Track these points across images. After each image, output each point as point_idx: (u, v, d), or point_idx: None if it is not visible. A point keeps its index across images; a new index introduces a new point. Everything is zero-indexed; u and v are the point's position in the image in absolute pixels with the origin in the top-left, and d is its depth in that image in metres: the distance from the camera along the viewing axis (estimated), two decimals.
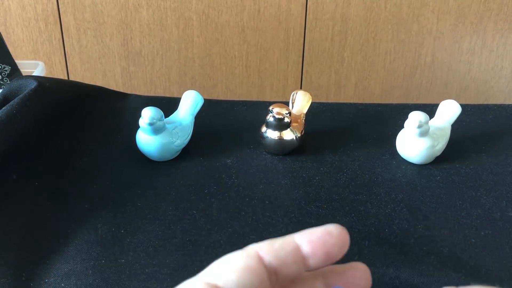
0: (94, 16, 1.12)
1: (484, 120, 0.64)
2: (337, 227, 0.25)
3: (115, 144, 0.58)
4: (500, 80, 1.19)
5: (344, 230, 0.25)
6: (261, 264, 0.24)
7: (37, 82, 0.57)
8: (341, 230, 0.25)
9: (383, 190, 0.50)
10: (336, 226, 0.25)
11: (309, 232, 0.25)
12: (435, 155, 0.55)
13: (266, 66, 1.18)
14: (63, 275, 0.40)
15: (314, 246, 0.24)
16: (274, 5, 1.11)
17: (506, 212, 0.47)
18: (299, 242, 0.24)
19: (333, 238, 0.24)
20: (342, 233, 0.25)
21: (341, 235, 0.24)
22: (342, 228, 0.25)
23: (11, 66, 0.72)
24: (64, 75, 1.19)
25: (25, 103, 0.54)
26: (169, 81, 1.20)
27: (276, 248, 0.24)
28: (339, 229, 0.25)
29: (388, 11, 1.11)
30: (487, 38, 1.14)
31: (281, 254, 0.24)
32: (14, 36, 1.14)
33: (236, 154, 0.56)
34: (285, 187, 0.51)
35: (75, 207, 0.48)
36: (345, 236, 0.24)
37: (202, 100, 0.60)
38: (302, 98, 0.60)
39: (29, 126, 0.54)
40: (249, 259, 0.24)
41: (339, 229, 0.25)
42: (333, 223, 0.25)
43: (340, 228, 0.25)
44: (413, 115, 0.52)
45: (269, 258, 0.24)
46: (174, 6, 1.11)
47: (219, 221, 0.46)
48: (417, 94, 1.21)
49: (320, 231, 0.25)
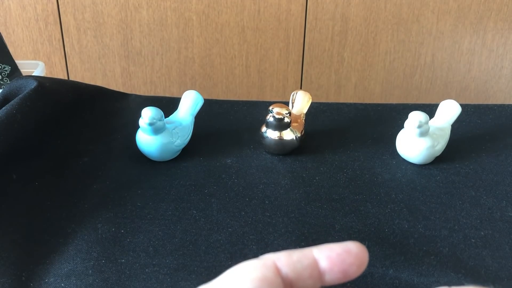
0: (94, 16, 1.12)
1: (484, 120, 0.64)
2: (357, 245, 0.24)
3: (115, 144, 0.58)
4: (500, 80, 1.19)
5: (363, 249, 0.24)
6: (278, 275, 0.23)
7: (37, 82, 0.57)
8: (361, 248, 0.24)
9: (383, 190, 0.50)
10: (356, 244, 0.24)
11: (329, 248, 0.24)
12: (435, 155, 0.55)
13: (266, 66, 1.18)
14: (63, 275, 0.40)
15: (332, 263, 0.24)
16: (274, 5, 1.11)
17: (506, 212, 0.47)
18: (317, 257, 0.24)
19: (352, 257, 0.24)
20: (362, 252, 0.24)
21: (361, 254, 0.24)
22: (362, 246, 0.24)
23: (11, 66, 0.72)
24: (64, 75, 1.19)
25: (25, 103, 0.54)
26: (169, 81, 1.20)
27: (294, 261, 0.24)
28: (359, 247, 0.24)
29: (388, 11, 1.11)
30: (487, 38, 1.14)
31: (298, 267, 0.24)
32: (14, 36, 1.14)
33: (236, 154, 0.56)
34: (285, 187, 0.51)
35: (75, 207, 0.48)
36: (364, 255, 0.24)
37: (202, 100, 0.60)
38: (302, 98, 0.60)
39: (29, 126, 0.54)
40: (266, 270, 0.23)
41: (359, 247, 0.24)
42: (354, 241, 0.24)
43: (360, 246, 0.24)
44: (413, 115, 0.52)
45: (286, 270, 0.23)
46: (174, 6, 1.11)
47: (219, 221, 0.46)
48: (417, 94, 1.21)
49: (340, 248, 0.24)
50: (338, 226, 0.45)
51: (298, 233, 0.44)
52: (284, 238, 0.44)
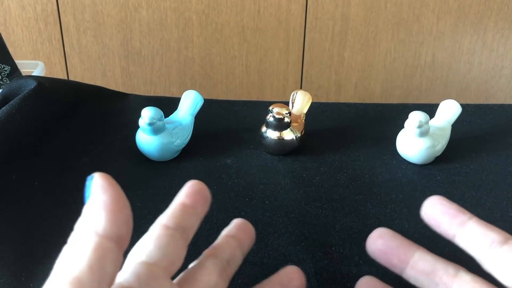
0: (94, 16, 1.12)
1: (484, 120, 0.64)
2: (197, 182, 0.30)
3: (115, 144, 0.58)
4: (500, 80, 1.19)
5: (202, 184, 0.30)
6: (167, 227, 0.27)
7: (36, 82, 0.56)
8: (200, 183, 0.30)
9: (383, 190, 0.50)
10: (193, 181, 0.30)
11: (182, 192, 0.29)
12: (435, 155, 0.55)
13: (266, 66, 1.18)
14: None
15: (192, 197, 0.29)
16: (274, 5, 1.11)
17: (507, 212, 0.47)
18: (180, 201, 0.29)
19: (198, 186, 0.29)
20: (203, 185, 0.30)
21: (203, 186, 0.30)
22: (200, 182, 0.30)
23: (10, 66, 0.72)
24: (63, 75, 1.19)
25: (25, 103, 0.54)
26: (169, 81, 1.20)
27: (169, 212, 0.28)
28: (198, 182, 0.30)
29: (388, 11, 1.11)
30: (487, 37, 1.14)
31: (176, 213, 0.28)
32: (14, 36, 1.14)
33: (236, 154, 0.56)
34: (285, 187, 0.51)
35: (75, 207, 0.47)
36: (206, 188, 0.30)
37: (202, 100, 0.60)
38: (302, 98, 0.60)
39: (29, 126, 0.54)
40: (156, 230, 0.27)
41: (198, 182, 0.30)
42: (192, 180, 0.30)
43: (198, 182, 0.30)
44: (413, 115, 0.52)
45: (170, 221, 0.28)
46: (174, 6, 1.11)
47: (219, 221, 0.46)
48: (417, 94, 1.21)
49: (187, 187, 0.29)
50: (338, 226, 0.45)
51: (298, 233, 0.44)
52: (284, 238, 0.44)
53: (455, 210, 0.29)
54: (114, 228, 0.23)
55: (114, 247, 0.23)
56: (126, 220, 0.24)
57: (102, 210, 0.24)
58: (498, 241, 0.27)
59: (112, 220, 0.23)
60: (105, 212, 0.23)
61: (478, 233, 0.28)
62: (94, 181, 0.25)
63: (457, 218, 0.28)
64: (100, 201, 0.24)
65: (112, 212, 0.24)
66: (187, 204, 0.29)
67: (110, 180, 0.24)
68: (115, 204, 0.24)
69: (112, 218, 0.23)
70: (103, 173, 0.25)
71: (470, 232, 0.28)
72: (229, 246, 0.31)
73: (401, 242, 0.29)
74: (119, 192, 0.24)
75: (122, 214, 0.24)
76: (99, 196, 0.24)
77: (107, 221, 0.23)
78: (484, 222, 0.28)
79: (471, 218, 0.28)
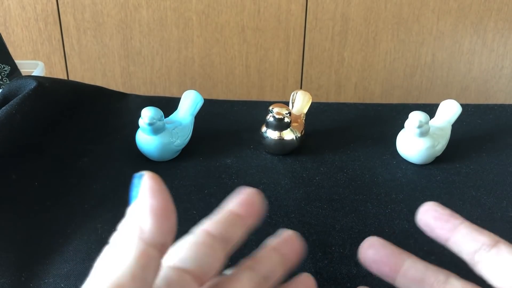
0: (94, 16, 1.12)
1: (485, 120, 0.64)
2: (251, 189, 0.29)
3: (115, 144, 0.58)
4: (500, 80, 1.19)
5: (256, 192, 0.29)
6: (209, 235, 0.26)
7: (36, 82, 0.56)
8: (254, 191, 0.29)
9: (383, 190, 0.50)
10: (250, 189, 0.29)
11: (235, 197, 0.28)
12: (435, 155, 0.55)
13: (266, 66, 1.18)
14: (62, 275, 0.40)
15: (243, 206, 0.28)
16: (274, 5, 1.11)
17: (507, 212, 0.47)
18: (231, 207, 0.28)
19: (252, 196, 0.28)
20: (256, 193, 0.29)
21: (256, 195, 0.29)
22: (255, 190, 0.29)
23: (10, 66, 0.72)
24: (63, 75, 1.19)
25: (25, 103, 0.54)
26: (169, 81, 1.20)
27: (215, 220, 0.27)
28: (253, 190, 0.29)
29: (388, 11, 1.11)
30: (488, 37, 1.14)
31: (221, 222, 0.27)
32: (13, 36, 1.14)
33: (236, 154, 0.56)
34: (285, 187, 0.51)
35: (75, 207, 0.48)
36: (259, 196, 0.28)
37: (202, 100, 0.60)
38: (302, 98, 0.60)
39: (29, 126, 0.54)
40: (197, 236, 0.26)
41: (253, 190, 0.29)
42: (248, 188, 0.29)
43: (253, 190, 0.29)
44: (413, 115, 0.52)
45: (214, 229, 0.26)
46: (174, 6, 1.11)
47: None
48: (417, 94, 1.20)
49: (242, 194, 0.29)
50: (338, 226, 0.45)
51: (298, 233, 0.44)
52: None
53: (448, 215, 0.29)
54: (159, 236, 0.23)
55: (157, 255, 0.23)
56: (172, 228, 0.23)
57: (149, 215, 0.23)
58: (488, 244, 0.28)
59: (159, 227, 0.23)
60: (152, 218, 0.23)
61: (468, 237, 0.28)
62: (143, 181, 0.24)
63: (449, 223, 0.29)
64: (148, 205, 0.23)
65: (160, 219, 0.23)
66: (237, 213, 0.28)
67: (160, 182, 0.24)
68: (163, 210, 0.23)
69: (159, 225, 0.23)
70: (153, 173, 0.24)
71: (461, 236, 0.28)
72: (270, 261, 0.29)
73: (392, 251, 0.29)
74: (167, 197, 0.23)
75: (169, 222, 0.23)
76: (148, 199, 0.23)
77: (154, 228, 0.23)
78: (475, 226, 0.29)
79: (463, 222, 0.29)
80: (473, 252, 0.28)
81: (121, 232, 0.23)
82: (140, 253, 0.22)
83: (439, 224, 0.29)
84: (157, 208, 0.23)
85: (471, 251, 0.28)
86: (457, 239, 0.29)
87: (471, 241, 0.28)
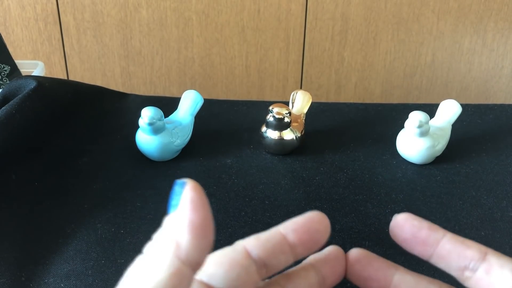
0: (94, 16, 1.12)
1: (485, 120, 0.64)
2: (317, 214, 0.26)
3: (115, 144, 0.58)
4: (500, 80, 1.19)
5: (324, 216, 0.26)
6: (248, 257, 0.24)
7: (36, 82, 0.56)
8: (321, 215, 0.26)
9: (383, 190, 0.50)
10: (316, 212, 0.26)
11: (292, 222, 0.25)
12: (435, 155, 0.55)
13: (266, 66, 1.18)
14: (62, 276, 0.40)
15: (299, 234, 0.25)
16: (274, 5, 1.11)
17: (507, 212, 0.47)
18: (284, 232, 0.25)
19: (315, 223, 0.25)
20: (323, 218, 0.25)
21: (322, 219, 0.25)
22: (322, 214, 0.26)
23: (10, 66, 0.72)
24: (63, 75, 1.19)
25: (25, 103, 0.53)
26: (169, 81, 1.20)
27: (262, 241, 0.25)
28: (320, 215, 0.26)
29: (388, 10, 1.11)
30: (488, 37, 1.14)
31: (268, 246, 0.25)
32: (13, 36, 1.14)
33: (236, 154, 0.56)
34: (285, 187, 0.51)
35: (75, 207, 0.48)
36: (326, 221, 0.25)
37: (202, 100, 0.60)
38: (302, 98, 0.60)
39: (29, 126, 0.54)
40: (235, 254, 0.24)
41: (320, 215, 0.26)
42: (313, 210, 0.26)
43: (320, 214, 0.26)
44: (413, 115, 0.52)
45: (256, 252, 0.24)
46: (174, 6, 1.11)
47: (219, 221, 0.46)
48: (417, 94, 1.20)
49: (303, 219, 0.25)
50: (338, 226, 0.45)
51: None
52: None
53: (427, 228, 0.26)
54: (196, 254, 0.21)
55: (190, 274, 0.21)
56: (209, 246, 0.22)
57: (188, 231, 0.21)
58: (476, 259, 0.25)
59: (196, 245, 0.21)
60: (190, 235, 0.21)
61: (454, 252, 0.26)
62: (185, 191, 0.22)
63: (430, 238, 0.26)
64: (188, 220, 0.21)
65: (198, 236, 0.21)
66: (288, 239, 0.25)
67: (202, 194, 0.22)
68: (203, 227, 0.21)
69: (196, 243, 0.21)
70: (195, 183, 0.22)
71: (446, 253, 0.26)
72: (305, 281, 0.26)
73: (379, 265, 0.28)
74: (208, 212, 0.22)
75: (207, 240, 0.22)
76: (188, 213, 0.22)
77: (191, 245, 0.21)
78: (458, 237, 0.26)
79: (445, 235, 0.26)
80: (462, 269, 0.26)
81: (156, 243, 0.22)
82: (174, 271, 0.21)
83: (419, 240, 0.26)
84: (197, 224, 0.21)
85: (459, 267, 0.26)
86: (442, 256, 0.26)
87: (457, 257, 0.26)
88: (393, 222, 0.27)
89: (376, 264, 0.28)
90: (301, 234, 0.25)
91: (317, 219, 0.25)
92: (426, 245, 0.26)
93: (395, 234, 0.27)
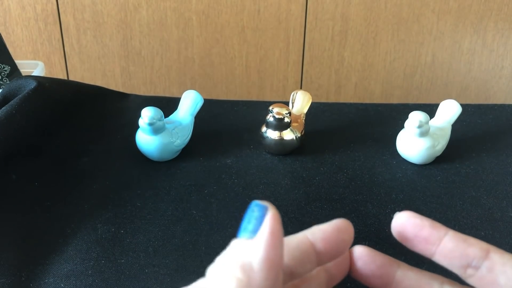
0: (94, 16, 1.12)
1: (485, 120, 0.64)
2: (344, 222, 0.26)
3: (115, 144, 0.58)
4: (500, 80, 1.19)
5: (350, 225, 0.26)
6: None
7: (36, 82, 0.56)
8: (348, 224, 0.26)
9: (383, 190, 0.50)
10: (343, 221, 0.26)
11: (321, 230, 0.25)
12: (435, 155, 0.55)
13: (266, 66, 1.18)
14: (62, 276, 0.40)
15: (327, 244, 0.25)
16: (274, 5, 1.11)
17: (507, 212, 0.47)
18: (312, 240, 0.25)
19: (342, 234, 0.25)
20: (349, 226, 0.26)
21: (349, 228, 0.26)
22: (348, 222, 0.26)
23: (10, 66, 0.72)
24: (63, 75, 1.19)
25: (25, 103, 0.53)
26: (169, 81, 1.20)
27: (292, 249, 0.24)
28: (346, 224, 0.26)
29: (388, 11, 1.11)
30: (488, 38, 1.14)
31: (296, 255, 0.24)
32: (13, 36, 1.14)
33: (236, 154, 0.56)
34: (285, 187, 0.51)
35: (75, 207, 0.48)
36: (351, 230, 0.26)
37: (202, 100, 0.60)
38: (302, 98, 0.60)
39: (29, 126, 0.54)
40: None
41: (346, 224, 0.26)
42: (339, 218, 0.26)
43: (346, 222, 0.26)
44: (413, 115, 0.52)
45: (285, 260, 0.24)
46: (174, 6, 1.11)
47: (219, 221, 0.46)
48: (417, 94, 1.20)
49: (330, 227, 0.25)
50: None
51: None
52: None
53: (429, 227, 0.26)
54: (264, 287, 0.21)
55: None
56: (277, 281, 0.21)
57: (263, 269, 0.20)
58: (478, 257, 0.25)
59: (267, 280, 0.21)
60: (265, 273, 0.21)
61: (456, 251, 0.26)
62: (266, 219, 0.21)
63: (432, 237, 0.26)
64: (266, 257, 0.21)
65: (270, 272, 0.21)
66: (315, 248, 0.25)
67: (280, 225, 0.21)
68: (276, 264, 0.21)
69: (267, 278, 0.21)
70: (276, 211, 0.21)
71: (448, 251, 0.26)
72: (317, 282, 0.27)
73: (382, 261, 0.28)
74: (282, 248, 0.21)
75: (277, 275, 0.21)
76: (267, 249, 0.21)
77: (262, 280, 0.21)
78: (461, 235, 0.26)
79: (447, 233, 0.26)
80: (465, 266, 0.26)
81: (221, 268, 0.21)
82: None
83: (421, 239, 0.26)
84: (272, 260, 0.21)
85: (462, 265, 0.26)
86: (445, 254, 0.26)
87: (460, 255, 0.26)
88: (395, 221, 0.27)
89: (378, 261, 0.28)
90: (328, 244, 0.25)
91: (344, 228, 0.26)
92: (428, 243, 0.26)
93: (397, 232, 0.27)
